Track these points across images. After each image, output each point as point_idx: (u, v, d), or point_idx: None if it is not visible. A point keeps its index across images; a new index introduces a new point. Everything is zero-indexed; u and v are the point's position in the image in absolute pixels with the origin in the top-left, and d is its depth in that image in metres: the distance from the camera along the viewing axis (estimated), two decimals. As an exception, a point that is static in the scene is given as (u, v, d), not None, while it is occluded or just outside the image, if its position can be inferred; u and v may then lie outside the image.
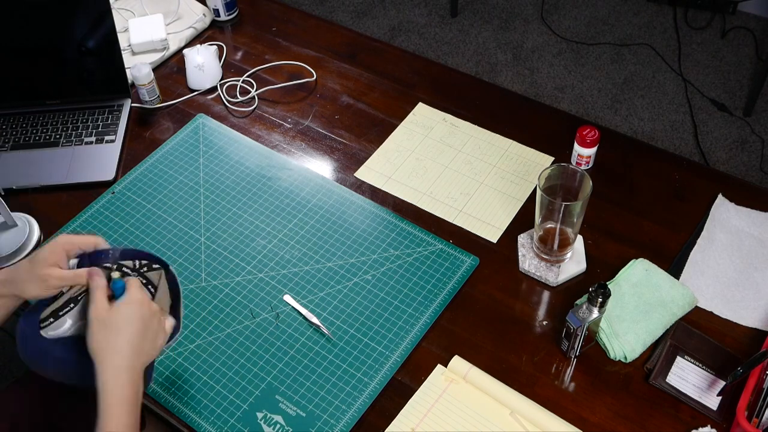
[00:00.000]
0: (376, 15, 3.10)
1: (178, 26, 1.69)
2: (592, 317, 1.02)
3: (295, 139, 1.45)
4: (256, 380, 1.09)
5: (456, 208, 1.30)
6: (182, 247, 1.27)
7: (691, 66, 2.77)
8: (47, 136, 1.46)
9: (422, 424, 1.03)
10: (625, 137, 1.43)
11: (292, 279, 1.21)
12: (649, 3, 3.02)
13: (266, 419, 1.05)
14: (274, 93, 1.55)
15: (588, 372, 1.08)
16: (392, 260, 1.23)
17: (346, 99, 1.52)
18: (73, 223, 1.31)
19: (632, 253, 1.21)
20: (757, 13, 2.91)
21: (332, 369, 1.10)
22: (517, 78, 2.80)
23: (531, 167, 1.36)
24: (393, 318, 1.15)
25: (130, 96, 1.52)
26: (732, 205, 1.26)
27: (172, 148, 1.44)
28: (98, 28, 1.45)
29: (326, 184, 1.35)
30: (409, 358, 1.11)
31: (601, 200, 1.28)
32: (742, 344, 1.10)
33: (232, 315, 1.17)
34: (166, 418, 1.07)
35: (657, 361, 1.06)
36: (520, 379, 1.07)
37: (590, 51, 2.88)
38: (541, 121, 1.45)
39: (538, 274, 1.19)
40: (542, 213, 1.13)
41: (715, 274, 1.17)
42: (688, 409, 1.03)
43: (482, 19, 3.05)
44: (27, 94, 1.51)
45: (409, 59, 1.62)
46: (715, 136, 2.53)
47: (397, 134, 1.44)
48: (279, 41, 1.66)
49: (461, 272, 1.20)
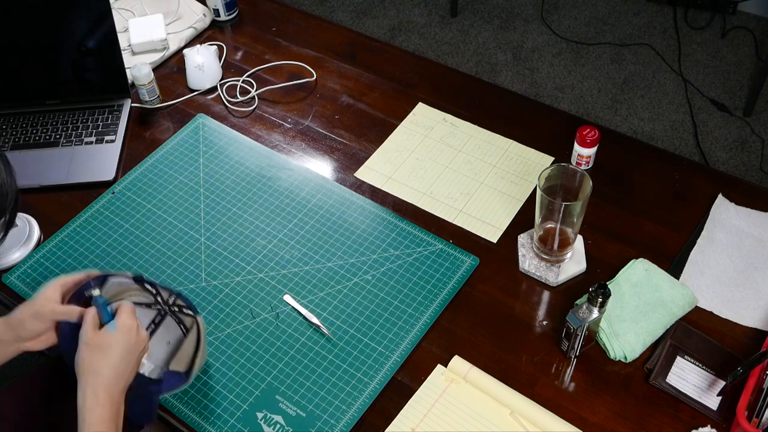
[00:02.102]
0: (376, 15, 3.10)
1: (178, 26, 1.69)
2: (592, 317, 1.02)
3: (295, 139, 1.45)
4: (256, 380, 1.09)
5: (456, 208, 1.30)
6: (182, 247, 1.27)
7: (691, 66, 2.77)
8: (47, 136, 1.46)
9: (422, 424, 1.03)
10: (625, 137, 1.43)
11: (292, 279, 1.21)
12: (649, 3, 3.02)
13: (266, 419, 1.05)
14: (274, 93, 1.55)
15: (588, 372, 1.08)
16: (392, 260, 1.23)
17: (346, 99, 1.52)
18: (73, 223, 1.31)
19: (632, 253, 1.21)
20: (757, 13, 2.91)
21: (332, 369, 1.10)
22: (517, 78, 2.79)
23: (531, 167, 1.36)
24: (393, 318, 1.15)
25: (130, 96, 1.52)
26: (732, 205, 1.26)
27: (172, 148, 1.44)
28: (98, 28, 1.45)
29: (326, 184, 1.35)
30: (409, 358, 1.11)
31: (601, 200, 1.28)
32: (742, 344, 1.10)
33: (232, 315, 1.17)
34: (166, 418, 1.07)
35: (657, 361, 1.06)
36: (520, 379, 1.07)
37: (590, 51, 2.88)
38: (541, 121, 1.45)
39: (538, 274, 1.19)
40: (542, 213, 1.13)
41: (715, 274, 1.17)
42: (688, 409, 1.03)
43: (482, 19, 3.05)
44: (27, 94, 1.51)
45: (409, 59, 1.62)
46: (715, 136, 2.53)
47: (397, 134, 1.44)
48: (279, 41, 1.66)
49: (461, 272, 1.20)
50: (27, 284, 1.23)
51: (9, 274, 1.24)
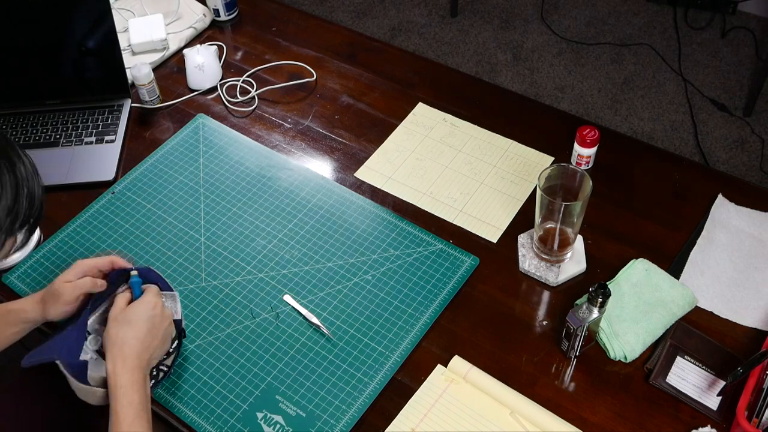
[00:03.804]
0: (376, 15, 3.10)
1: (178, 26, 1.69)
2: (592, 317, 1.02)
3: (295, 139, 1.45)
4: (256, 380, 1.09)
5: (456, 208, 1.30)
6: (182, 247, 1.27)
7: (691, 66, 2.77)
8: (47, 136, 1.46)
9: (422, 424, 1.03)
10: (625, 137, 1.43)
11: (292, 279, 1.21)
12: (649, 3, 3.02)
13: (266, 419, 1.05)
14: (274, 93, 1.55)
15: (588, 372, 1.08)
16: (392, 260, 1.23)
17: (346, 99, 1.52)
18: (73, 223, 1.31)
19: (632, 253, 1.21)
20: (757, 13, 2.91)
21: (332, 369, 1.10)
22: (517, 78, 2.80)
23: (531, 167, 1.36)
24: (393, 318, 1.15)
25: (130, 96, 1.52)
26: (732, 205, 1.26)
27: (172, 148, 1.44)
28: (98, 28, 1.45)
29: (326, 184, 1.35)
30: (409, 358, 1.11)
31: (601, 200, 1.28)
32: (742, 344, 1.10)
33: (232, 315, 1.17)
34: (166, 418, 1.07)
35: (657, 361, 1.06)
36: (520, 379, 1.07)
37: (590, 51, 2.88)
38: (541, 121, 1.45)
39: (538, 274, 1.19)
40: (542, 213, 1.13)
41: (715, 274, 1.17)
42: (688, 409, 1.03)
43: (482, 19, 3.05)
44: (27, 94, 1.51)
45: (409, 59, 1.62)
46: (715, 136, 2.53)
47: (397, 134, 1.44)
48: (279, 41, 1.66)
49: (461, 272, 1.20)
50: (27, 284, 1.23)
51: (9, 274, 1.24)
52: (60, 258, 1.26)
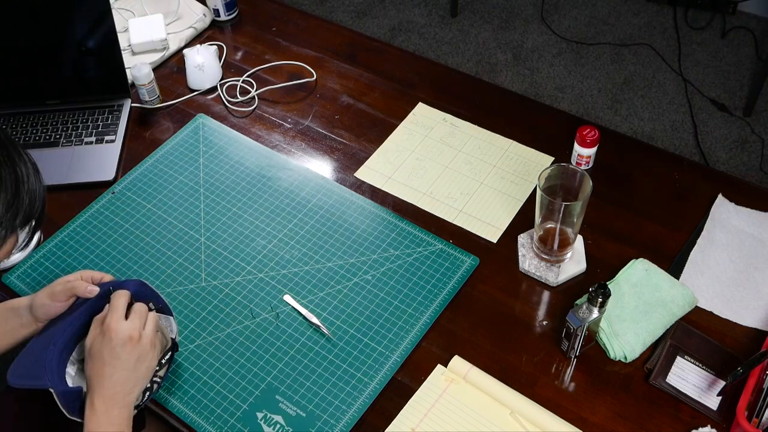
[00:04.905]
0: (376, 15, 3.10)
1: (178, 26, 1.69)
2: (592, 317, 1.02)
3: (295, 139, 1.45)
4: (256, 380, 1.09)
5: (456, 208, 1.30)
6: (182, 247, 1.27)
7: (691, 66, 2.77)
8: (47, 136, 1.46)
9: (422, 424, 1.03)
10: (625, 137, 1.43)
11: (292, 279, 1.21)
12: (649, 3, 3.02)
13: (266, 419, 1.05)
14: (274, 93, 1.55)
15: (588, 372, 1.08)
16: (392, 260, 1.23)
17: (346, 99, 1.52)
18: (73, 223, 1.31)
19: (632, 253, 1.21)
20: (757, 13, 2.91)
21: (332, 369, 1.10)
22: (517, 78, 2.80)
23: (531, 167, 1.36)
24: (393, 318, 1.15)
25: (130, 96, 1.52)
26: (732, 205, 1.26)
27: (172, 148, 1.44)
28: (98, 28, 1.45)
29: (326, 184, 1.35)
30: (409, 358, 1.11)
31: (601, 200, 1.28)
32: (742, 344, 1.10)
33: (232, 315, 1.17)
34: (166, 418, 1.07)
35: (657, 361, 1.06)
36: (520, 379, 1.07)
37: (590, 51, 2.88)
38: (541, 121, 1.45)
39: (538, 274, 1.19)
40: (542, 213, 1.13)
41: (715, 274, 1.17)
42: (688, 409, 1.03)
43: (482, 19, 3.05)
44: (27, 94, 1.51)
45: (409, 59, 1.62)
46: (715, 136, 2.53)
47: (397, 134, 1.44)
48: (279, 41, 1.66)
49: (461, 272, 1.20)
50: (27, 284, 1.23)
51: (9, 274, 1.24)
52: (60, 258, 1.26)
